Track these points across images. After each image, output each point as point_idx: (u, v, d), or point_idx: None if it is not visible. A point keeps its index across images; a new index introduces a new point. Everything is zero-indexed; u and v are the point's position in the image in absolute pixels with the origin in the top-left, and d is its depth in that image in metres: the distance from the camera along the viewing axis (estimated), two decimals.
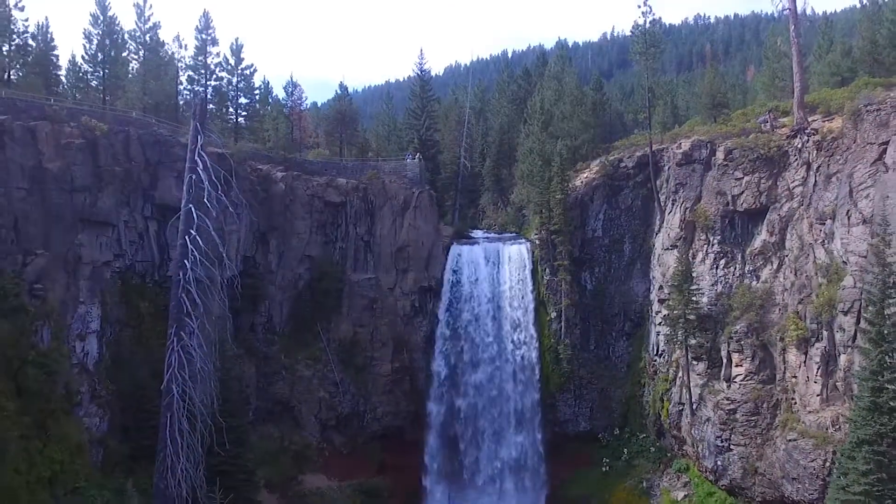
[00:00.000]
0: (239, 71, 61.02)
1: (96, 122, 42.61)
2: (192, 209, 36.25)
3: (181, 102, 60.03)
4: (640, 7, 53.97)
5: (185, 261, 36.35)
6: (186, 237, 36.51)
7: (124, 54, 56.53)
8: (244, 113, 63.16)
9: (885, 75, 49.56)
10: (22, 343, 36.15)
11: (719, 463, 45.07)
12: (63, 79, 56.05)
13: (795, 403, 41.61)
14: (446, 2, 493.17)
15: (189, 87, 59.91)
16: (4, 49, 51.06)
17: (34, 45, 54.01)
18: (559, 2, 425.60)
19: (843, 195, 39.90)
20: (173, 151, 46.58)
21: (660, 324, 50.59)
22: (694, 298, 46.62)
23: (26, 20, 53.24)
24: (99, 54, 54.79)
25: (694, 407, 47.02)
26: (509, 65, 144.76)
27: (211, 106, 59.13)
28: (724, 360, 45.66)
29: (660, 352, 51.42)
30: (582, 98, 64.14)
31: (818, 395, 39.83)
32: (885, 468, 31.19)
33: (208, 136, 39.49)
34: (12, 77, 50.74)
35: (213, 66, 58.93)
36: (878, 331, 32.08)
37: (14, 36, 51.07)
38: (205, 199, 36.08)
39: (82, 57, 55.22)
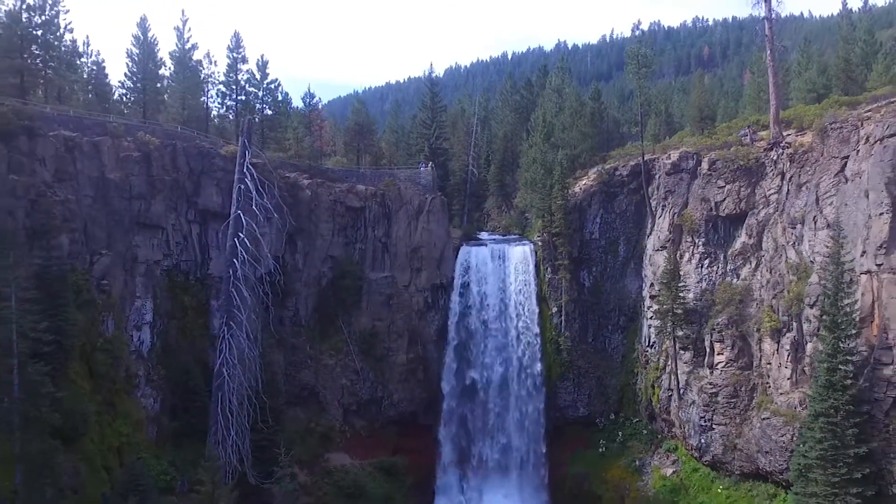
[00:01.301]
0: (264, 85, 65.43)
1: (150, 137, 47.40)
2: (241, 215, 41.14)
3: (208, 114, 64.72)
4: (633, 32, 59.19)
5: (235, 260, 41.25)
6: (235, 239, 41.40)
7: (162, 71, 61.36)
8: (269, 123, 67.69)
9: (858, 91, 53.37)
10: (92, 332, 41.29)
11: (703, 441, 49.57)
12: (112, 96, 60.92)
13: (769, 387, 46.13)
14: (445, 3, 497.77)
15: (220, 100, 64.78)
16: (53, 66, 55.88)
17: (77, 62, 58.92)
18: (559, 4, 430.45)
19: (811, 203, 44.18)
20: (214, 162, 51.21)
21: (651, 318, 54.77)
22: (681, 294, 50.82)
23: (74, 40, 58.49)
24: (139, 73, 59.62)
25: (681, 392, 51.58)
26: (509, 67, 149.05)
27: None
28: (708, 350, 50.00)
29: (651, 343, 55.68)
30: (581, 109, 67.44)
31: (788, 379, 44.41)
32: (838, 437, 36.15)
33: (252, 149, 44.34)
34: (74, 94, 55.60)
35: (242, 82, 63.52)
36: (832, 319, 37.06)
37: (65, 55, 55.97)
38: (252, 207, 40.88)
39: (125, 74, 60.11)
